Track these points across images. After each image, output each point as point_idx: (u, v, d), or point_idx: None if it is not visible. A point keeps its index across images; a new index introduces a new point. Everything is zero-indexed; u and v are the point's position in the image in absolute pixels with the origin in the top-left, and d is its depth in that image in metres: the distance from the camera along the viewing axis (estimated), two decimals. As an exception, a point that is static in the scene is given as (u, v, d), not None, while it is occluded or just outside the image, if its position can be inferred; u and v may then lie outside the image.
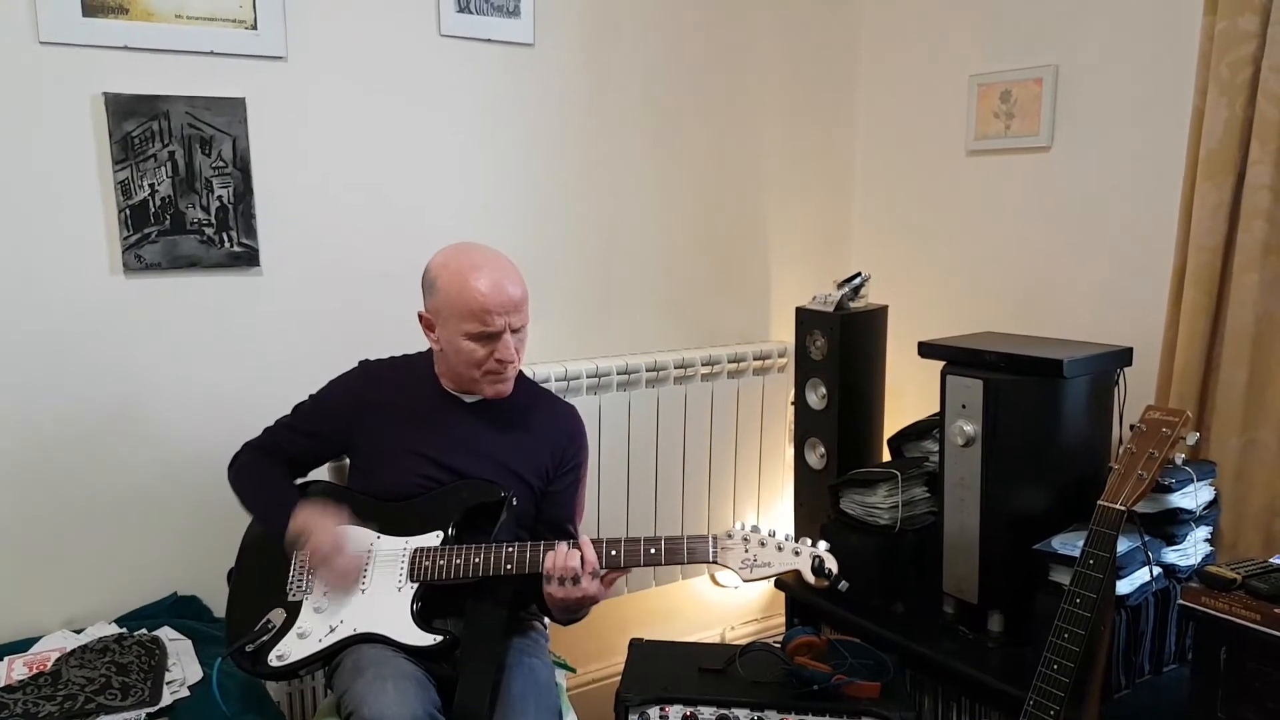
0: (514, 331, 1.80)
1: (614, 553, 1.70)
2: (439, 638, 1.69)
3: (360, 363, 1.98)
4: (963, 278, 2.76)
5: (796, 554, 1.67)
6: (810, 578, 1.66)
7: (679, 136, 2.71)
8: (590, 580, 1.69)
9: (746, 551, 1.68)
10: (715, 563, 1.69)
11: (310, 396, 1.96)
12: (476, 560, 1.72)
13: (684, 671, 2.04)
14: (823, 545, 1.69)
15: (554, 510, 1.94)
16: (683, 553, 1.69)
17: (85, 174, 1.99)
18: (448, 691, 1.67)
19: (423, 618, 1.72)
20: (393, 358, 1.99)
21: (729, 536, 1.70)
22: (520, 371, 1.92)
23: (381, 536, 1.80)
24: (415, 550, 1.76)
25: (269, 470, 1.90)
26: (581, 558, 1.68)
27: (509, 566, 1.71)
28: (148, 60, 2.02)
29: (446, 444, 1.86)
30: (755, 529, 1.70)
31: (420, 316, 1.85)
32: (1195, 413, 2.09)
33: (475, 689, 1.67)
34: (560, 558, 1.69)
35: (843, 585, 1.67)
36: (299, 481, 1.95)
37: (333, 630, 1.71)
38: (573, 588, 1.68)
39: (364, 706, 1.53)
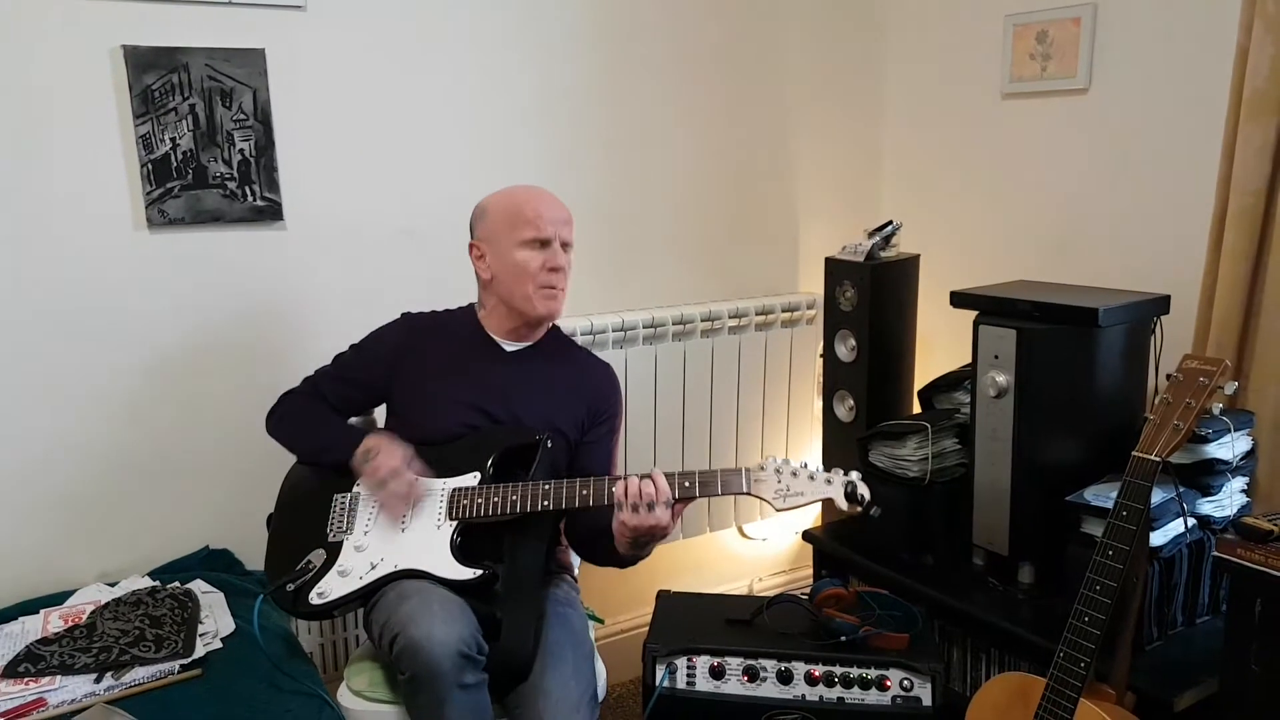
0: (563, 246, 1.86)
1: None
2: (479, 571, 1.70)
3: (403, 314, 1.99)
4: (996, 225, 2.70)
5: (829, 482, 1.69)
6: (843, 505, 1.67)
7: (705, 83, 2.66)
8: (664, 509, 1.69)
9: (780, 482, 1.69)
10: (749, 493, 1.70)
11: (351, 346, 1.97)
12: (514, 498, 1.73)
13: (711, 623, 2.05)
14: (855, 473, 1.70)
15: (587, 461, 1.94)
16: (717, 485, 1.69)
17: (107, 129, 1.98)
18: (485, 631, 1.68)
19: (462, 552, 1.73)
20: (434, 311, 2.00)
21: (761, 469, 1.71)
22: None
23: (419, 479, 1.81)
24: (454, 490, 1.78)
25: (321, 410, 1.93)
26: (655, 486, 1.69)
27: (546, 503, 1.72)
28: (166, 11, 1.99)
29: (485, 393, 1.88)
30: (786, 461, 1.71)
31: (471, 247, 1.90)
32: (1234, 361, 2.04)
33: (520, 627, 1.70)
34: (634, 485, 1.69)
35: (875, 511, 1.68)
36: None
37: (373, 568, 1.73)
38: (646, 514, 1.68)
39: (411, 625, 1.55)
